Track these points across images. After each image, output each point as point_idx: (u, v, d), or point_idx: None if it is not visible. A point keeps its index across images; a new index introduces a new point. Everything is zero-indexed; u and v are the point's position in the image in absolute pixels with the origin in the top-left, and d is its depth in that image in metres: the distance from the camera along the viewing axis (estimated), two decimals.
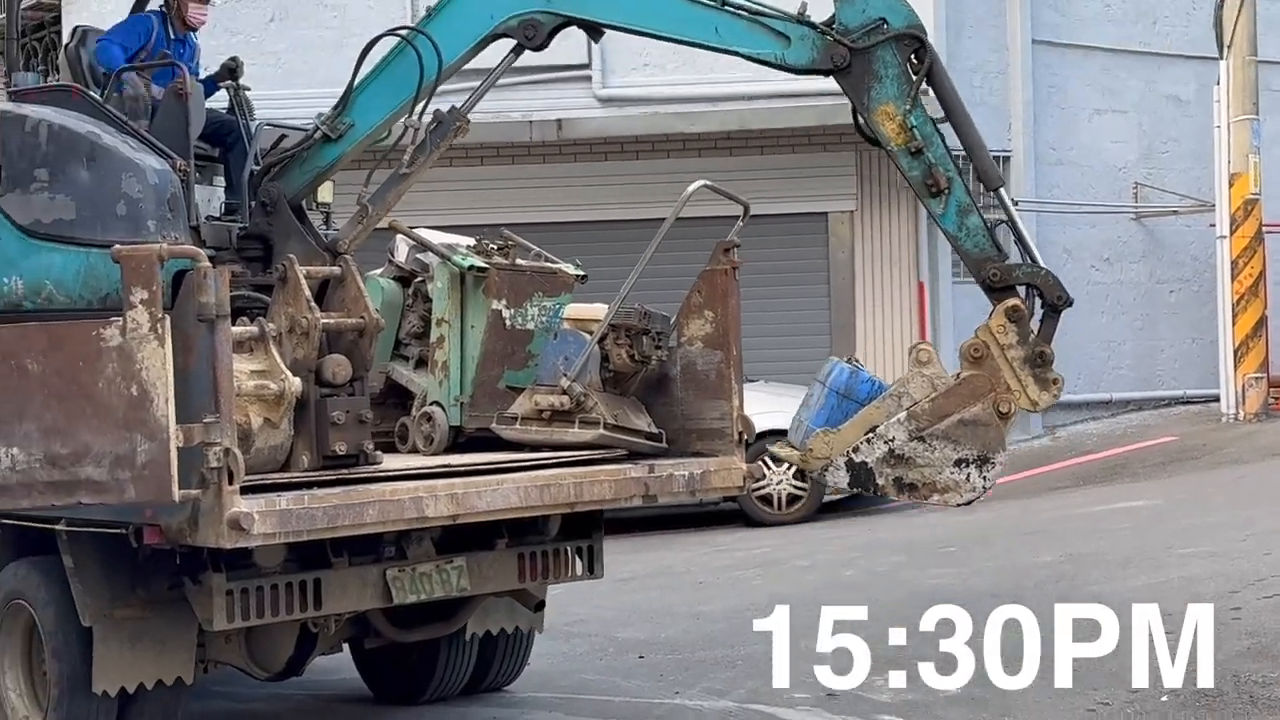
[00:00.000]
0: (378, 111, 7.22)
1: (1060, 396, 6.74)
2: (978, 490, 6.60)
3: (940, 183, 6.53)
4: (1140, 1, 18.47)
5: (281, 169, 7.30)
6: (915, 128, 6.53)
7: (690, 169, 13.89)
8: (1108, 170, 18.21)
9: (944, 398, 6.53)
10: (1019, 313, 6.49)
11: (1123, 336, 18.25)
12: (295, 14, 16.26)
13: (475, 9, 7.12)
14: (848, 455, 6.65)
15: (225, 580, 6.07)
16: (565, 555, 7.27)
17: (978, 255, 6.60)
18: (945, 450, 6.53)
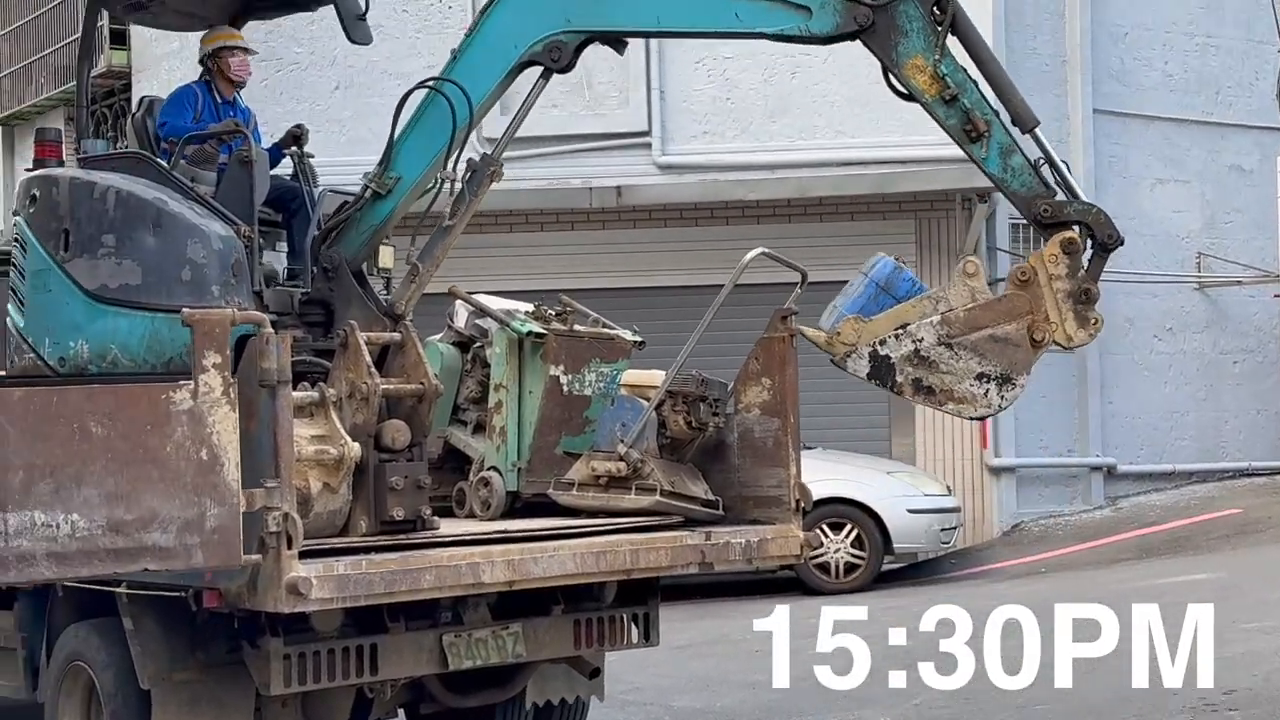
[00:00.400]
0: (420, 161, 7.25)
1: (1096, 337, 6.60)
2: (993, 408, 6.52)
3: (979, 126, 6.45)
4: (1202, 71, 18.43)
5: (339, 233, 7.35)
6: (947, 75, 6.45)
7: (748, 236, 13.95)
8: (1170, 240, 18.11)
9: (981, 310, 6.44)
10: (1074, 245, 6.40)
11: (1186, 407, 18.10)
12: (360, 82, 16.43)
13: (497, 43, 7.15)
14: (873, 346, 6.53)
15: (283, 645, 6.08)
16: (621, 622, 7.25)
17: (1026, 194, 6.49)
18: (970, 362, 6.43)
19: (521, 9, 7.11)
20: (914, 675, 7.43)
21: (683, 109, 16.46)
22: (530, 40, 7.06)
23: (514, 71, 7.19)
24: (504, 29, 7.14)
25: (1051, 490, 17.24)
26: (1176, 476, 17.82)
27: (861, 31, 6.56)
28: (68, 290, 7.13)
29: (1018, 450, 16.93)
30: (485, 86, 7.17)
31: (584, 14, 7.00)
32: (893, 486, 14.64)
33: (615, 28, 7.11)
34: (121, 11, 8.20)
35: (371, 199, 7.29)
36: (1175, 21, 18.25)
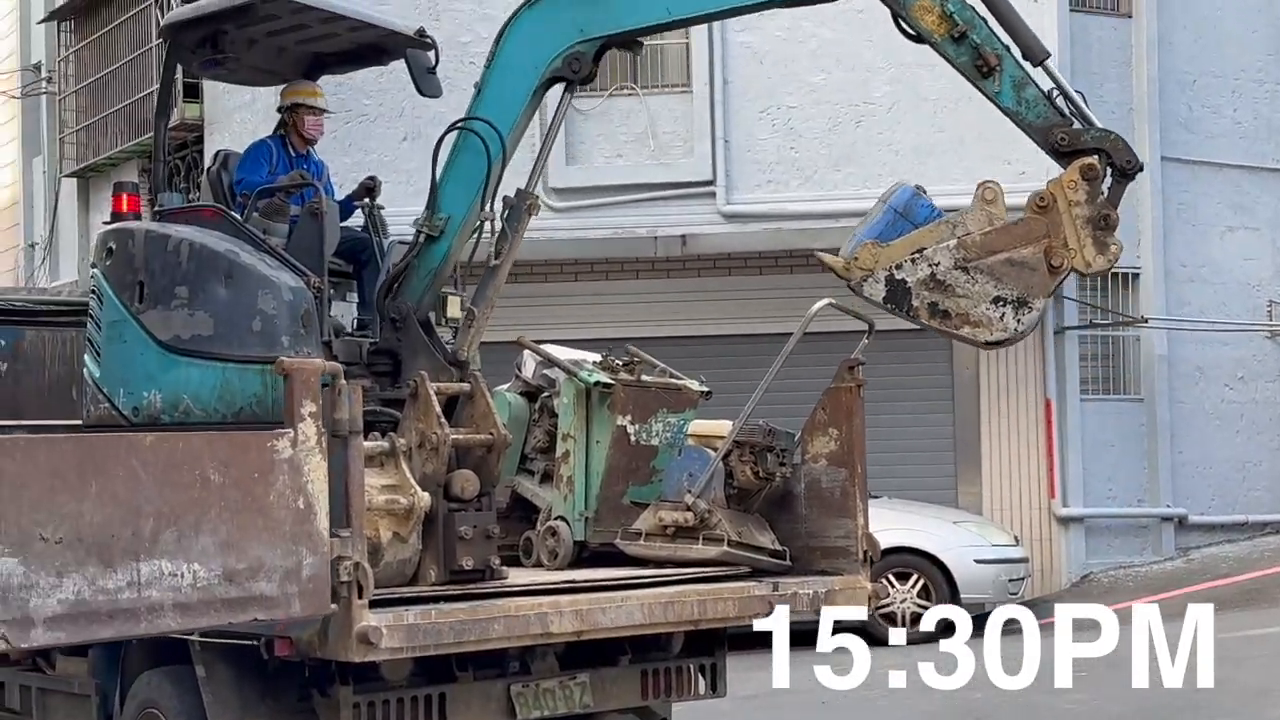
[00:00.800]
0: (465, 199, 7.29)
1: (1115, 264, 6.50)
2: (1009, 331, 6.41)
3: (990, 61, 6.38)
4: (1271, 119, 18.31)
5: (403, 282, 7.39)
6: (954, 13, 6.41)
7: (814, 285, 13.87)
8: (1241, 287, 17.97)
9: (998, 234, 6.37)
10: (1094, 171, 6.29)
11: (1259, 457, 17.90)
12: (428, 133, 16.30)
13: (518, 68, 7.21)
14: (890, 270, 6.48)
15: (353, 693, 6.14)
16: (688, 673, 7.26)
17: (1042, 124, 6.39)
18: (986, 285, 6.36)
19: (535, 29, 7.16)
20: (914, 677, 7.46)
21: (747, 158, 16.50)
22: (549, 58, 7.11)
23: (538, 92, 7.23)
24: (522, 52, 7.19)
25: (1121, 541, 17.07)
26: (1250, 528, 17.62)
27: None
28: (142, 341, 7.22)
29: (1086, 500, 16.79)
30: (513, 114, 7.22)
31: (596, 20, 7.04)
32: (960, 536, 14.55)
33: (629, 27, 7.11)
34: (198, 68, 8.31)
35: (426, 243, 7.32)
36: (1243, 69, 18.16)
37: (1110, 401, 17.16)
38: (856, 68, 16.46)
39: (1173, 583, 15.76)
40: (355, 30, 8.10)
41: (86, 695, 7.42)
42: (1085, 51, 16.95)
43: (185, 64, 8.20)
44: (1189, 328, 17.54)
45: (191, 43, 7.93)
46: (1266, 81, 18.34)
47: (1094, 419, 16.99)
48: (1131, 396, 17.31)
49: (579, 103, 16.94)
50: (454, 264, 7.44)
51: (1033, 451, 16.59)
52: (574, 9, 7.06)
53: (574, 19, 7.05)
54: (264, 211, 7.63)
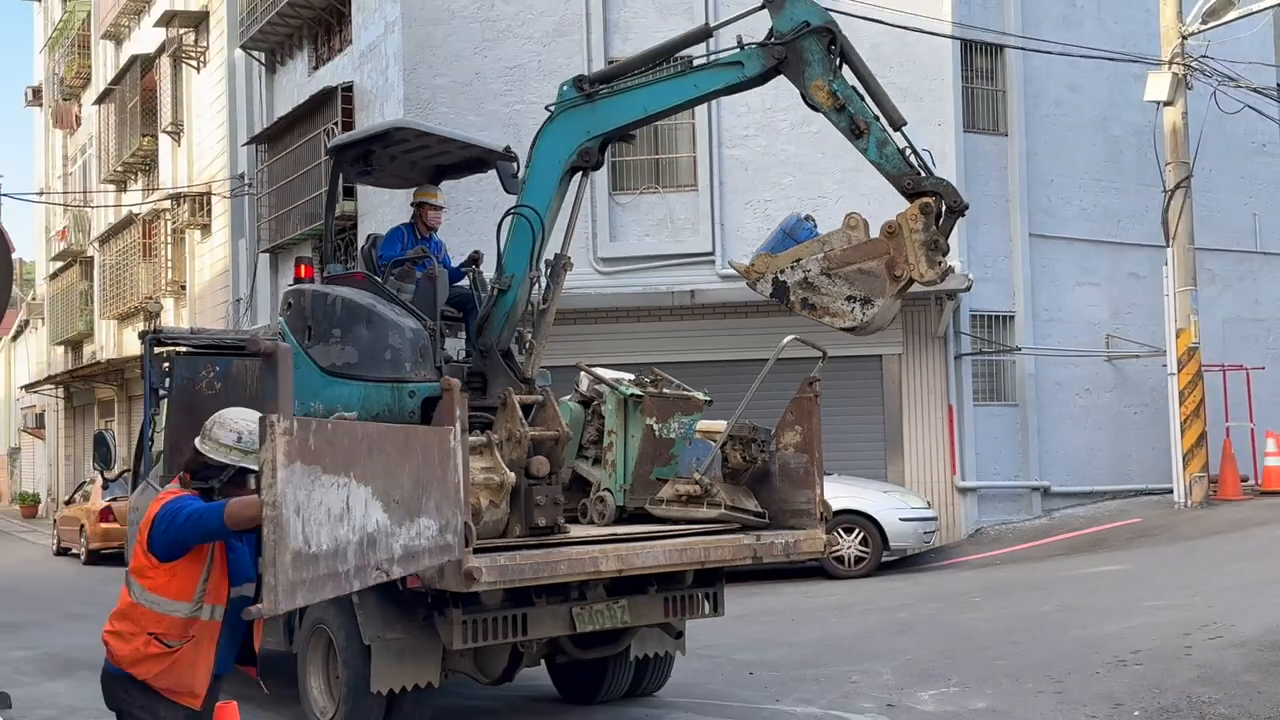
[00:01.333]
0: (521, 262, 7.28)
1: (943, 278, 6.19)
2: (857, 321, 6.24)
3: (860, 126, 6.26)
4: (1108, 207, 18.24)
5: (487, 324, 7.39)
6: (837, 91, 6.30)
7: (783, 325, 13.94)
8: (1087, 326, 17.87)
9: (853, 250, 6.25)
10: (929, 208, 6.10)
11: (1100, 446, 17.78)
12: None
13: (548, 163, 7.17)
14: (775, 274, 6.40)
15: (461, 614, 6.16)
16: (697, 598, 7.24)
17: (896, 173, 6.24)
18: (842, 287, 6.25)
19: (557, 135, 7.14)
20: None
21: (736, 236, 16.52)
22: (568, 154, 7.10)
23: (564, 180, 7.19)
24: (549, 153, 7.18)
25: (1003, 504, 16.96)
26: (1094, 495, 17.49)
27: (780, 65, 6.46)
28: (309, 368, 7.28)
29: (979, 475, 16.70)
30: (547, 198, 7.19)
31: (597, 123, 7.03)
32: (889, 501, 14.47)
33: (619, 125, 7.05)
34: (354, 177, 8.37)
35: (499, 295, 7.34)
36: (1086, 171, 18.09)
37: (994, 406, 17.08)
38: (813, 172, 16.47)
39: (1041, 534, 15.67)
40: (463, 149, 8.15)
41: (274, 616, 7.45)
42: (975, 161, 16.92)
43: (346, 174, 8.24)
44: (1050, 354, 17.46)
45: (349, 159, 7.99)
46: (1103, 180, 18.26)
47: (983, 419, 16.91)
48: (1009, 403, 17.21)
49: (619, 197, 17.04)
50: (522, 309, 7.39)
51: (940, 441, 16.53)
52: (581, 118, 7.05)
53: (581, 124, 7.05)
54: (398, 276, 7.69)
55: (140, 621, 4.24)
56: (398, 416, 7.08)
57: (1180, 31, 16.00)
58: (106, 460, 9.87)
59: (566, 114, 7.08)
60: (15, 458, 47.56)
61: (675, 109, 7.02)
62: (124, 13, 29.98)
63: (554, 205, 7.25)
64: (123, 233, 29.43)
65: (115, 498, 19.80)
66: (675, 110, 7.05)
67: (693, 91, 6.80)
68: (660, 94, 6.86)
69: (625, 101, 6.95)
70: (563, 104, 7.09)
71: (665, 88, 6.83)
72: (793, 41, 6.37)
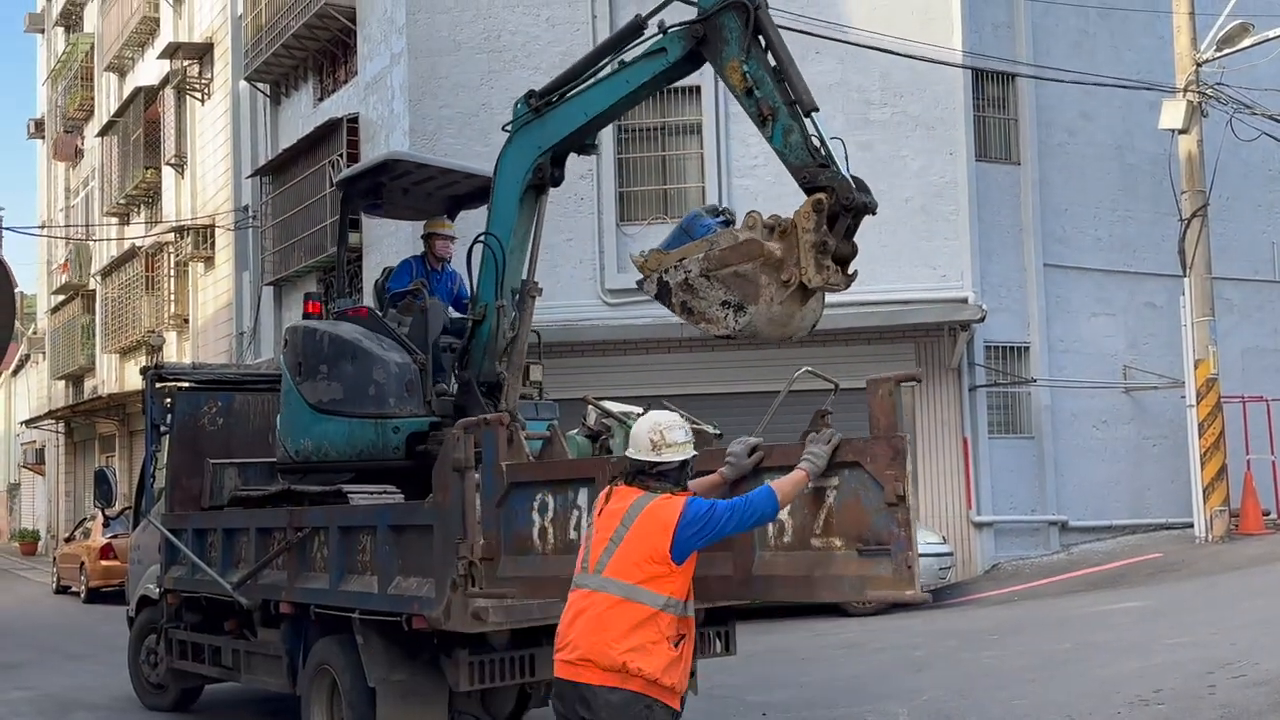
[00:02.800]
0: (492, 289, 7.20)
1: (832, 283, 5.76)
2: (729, 329, 5.90)
3: (764, 111, 5.87)
4: (1122, 236, 18.25)
5: (468, 358, 7.29)
6: (748, 73, 5.92)
7: (795, 357, 13.92)
8: (1103, 357, 17.84)
9: (730, 251, 5.83)
10: (820, 205, 5.66)
11: (1119, 479, 17.70)
12: None
13: (508, 184, 7.07)
14: (661, 273, 6.08)
15: (468, 655, 6.11)
16: (708, 637, 7.19)
17: (798, 164, 5.79)
18: (719, 291, 5.88)
19: (513, 155, 7.04)
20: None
21: None
22: (524, 173, 6.97)
23: (525, 200, 7.05)
24: (507, 175, 7.08)
25: (1020, 539, 16.88)
26: (1113, 529, 17.40)
27: (701, 44, 6.12)
28: (300, 404, 7.31)
29: (994, 510, 16.62)
30: (510, 222, 7.08)
31: (546, 137, 6.90)
32: None
33: (565, 134, 6.86)
34: (365, 209, 8.41)
35: (474, 327, 7.26)
36: (1100, 200, 18.11)
37: (1010, 439, 17.01)
38: None
39: (1059, 570, 15.58)
40: (468, 178, 8.18)
41: (279, 656, 7.43)
42: (988, 190, 16.94)
43: (354, 207, 8.26)
44: (1066, 386, 17.41)
45: (358, 193, 8.02)
46: (1117, 209, 18.28)
47: (999, 452, 16.84)
48: (1025, 435, 17.15)
49: (627, 228, 17.07)
50: (501, 339, 7.26)
51: (955, 475, 16.46)
52: (533, 134, 6.93)
53: (533, 140, 6.93)
54: (399, 309, 7.71)
55: (663, 628, 4.20)
56: (381, 453, 7.08)
57: (1194, 59, 16.05)
58: (107, 497, 9.88)
59: (520, 132, 6.98)
60: (15, 494, 47.58)
61: (615, 109, 6.77)
62: (128, 44, 30.24)
63: (519, 229, 7.12)
64: (125, 266, 29.57)
65: (116, 535, 19.79)
66: (616, 110, 6.81)
67: (625, 88, 6.56)
68: (597, 96, 6.69)
69: (568, 110, 6.81)
70: (517, 122, 6.99)
71: (600, 89, 6.66)
72: (712, 18, 6.03)
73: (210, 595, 8.13)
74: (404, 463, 7.05)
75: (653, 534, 4.20)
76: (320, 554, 6.86)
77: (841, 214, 5.72)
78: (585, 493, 5.46)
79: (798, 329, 6.12)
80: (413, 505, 6.30)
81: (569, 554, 5.26)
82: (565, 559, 5.38)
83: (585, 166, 16.67)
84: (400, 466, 7.12)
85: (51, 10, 39.90)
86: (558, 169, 7.02)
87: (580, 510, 5.50)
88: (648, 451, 4.42)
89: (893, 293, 16.24)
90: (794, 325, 6.08)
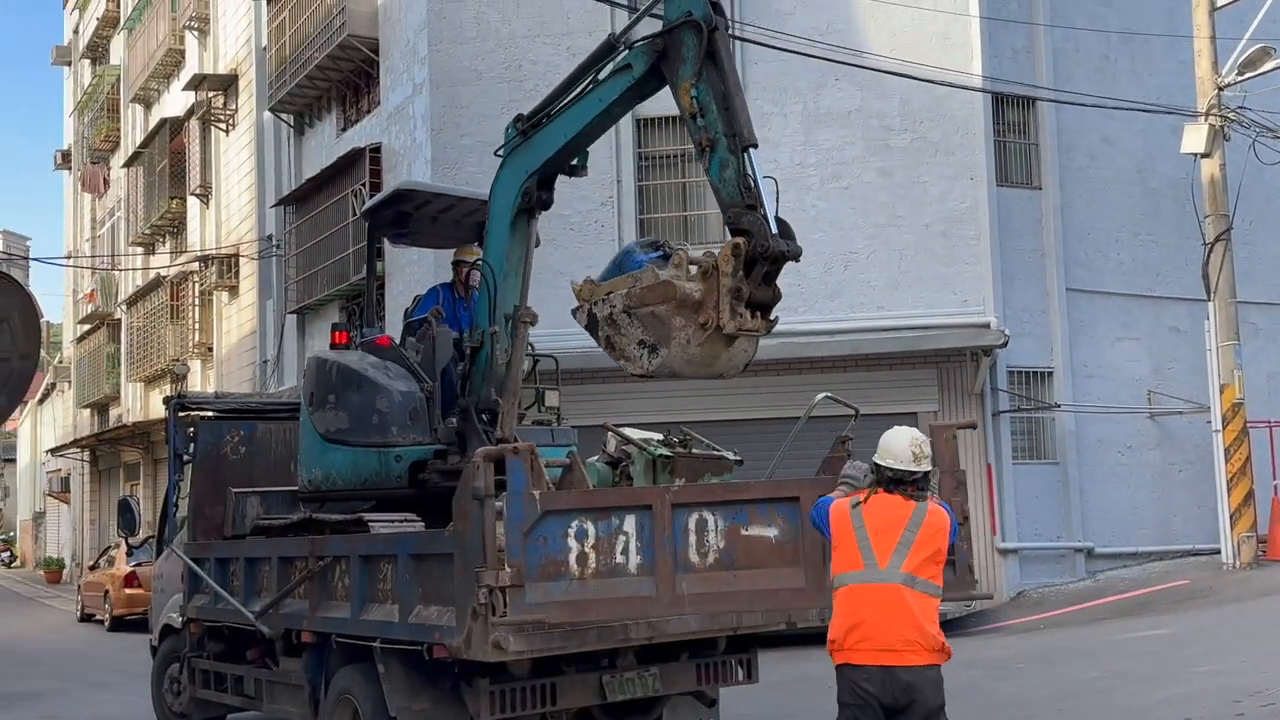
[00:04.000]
0: (486, 316, 7.20)
1: (746, 329, 5.77)
2: (644, 369, 5.90)
3: (702, 142, 5.82)
4: (1146, 259, 18.17)
5: (470, 386, 7.25)
6: (696, 97, 5.84)
7: (815, 382, 13.89)
8: (1128, 382, 17.72)
9: (647, 290, 5.87)
10: (738, 250, 5.67)
11: (1144, 505, 17.54)
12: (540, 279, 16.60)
13: (500, 209, 7.06)
14: (591, 305, 6.10)
15: (489, 684, 6.10)
16: (730, 665, 7.15)
17: (728, 201, 5.76)
18: (637, 330, 5.92)
19: (503, 181, 7.04)
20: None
21: None
22: (513, 198, 6.96)
23: (515, 225, 7.02)
24: (499, 201, 7.07)
25: (1046, 566, 16.72)
26: (1139, 556, 17.23)
27: (662, 59, 6.05)
28: (312, 433, 7.35)
29: (1020, 537, 16.49)
30: (501, 245, 7.07)
31: (531, 160, 6.89)
32: None
33: (548, 156, 6.83)
34: (392, 238, 8.44)
35: (473, 354, 7.23)
36: (1123, 224, 18.05)
37: (1035, 465, 16.89)
38: (843, 228, 16.50)
39: (1085, 597, 15.43)
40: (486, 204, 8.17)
41: (300, 685, 7.43)
42: (1009, 214, 16.90)
43: (383, 234, 8.29)
44: (1091, 411, 17.29)
45: (384, 223, 8.07)
46: (1140, 233, 18.20)
47: (1023, 478, 16.72)
48: (1050, 461, 17.03)
49: None
50: (500, 363, 7.22)
51: (980, 502, 16.31)
52: (520, 158, 6.94)
53: (520, 164, 6.94)
54: (417, 337, 7.71)
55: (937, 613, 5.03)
56: (384, 482, 7.08)
57: (1216, 83, 16.01)
58: (131, 527, 9.92)
59: (510, 156, 7.00)
60: (40, 522, 47.87)
61: (592, 129, 6.72)
62: (153, 76, 30.59)
63: (511, 254, 7.10)
64: (150, 295, 29.81)
65: (140, 563, 19.87)
66: (593, 130, 6.74)
67: (598, 106, 6.52)
68: (574, 118, 6.66)
69: (549, 132, 6.80)
70: (507, 146, 7.00)
71: (576, 110, 6.64)
72: (671, 32, 5.94)
73: (233, 624, 8.14)
74: (407, 491, 7.06)
75: (936, 537, 5.00)
76: (341, 583, 6.86)
77: (760, 260, 5.71)
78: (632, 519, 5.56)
79: (725, 369, 6.11)
80: (433, 533, 6.30)
81: (613, 577, 5.53)
82: (607, 582, 5.57)
83: (606, 194, 16.74)
84: (403, 495, 7.12)
85: (78, 43, 40.44)
86: (545, 192, 7.00)
87: (628, 536, 5.55)
88: (909, 462, 5.06)
89: (914, 318, 16.21)
90: (719, 365, 6.06)
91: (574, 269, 16.44)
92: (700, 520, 5.73)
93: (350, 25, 19.32)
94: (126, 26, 32.95)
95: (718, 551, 5.75)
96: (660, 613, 5.73)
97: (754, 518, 5.82)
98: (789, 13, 16.63)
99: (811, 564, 5.64)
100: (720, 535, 5.75)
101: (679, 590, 5.65)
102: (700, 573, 5.72)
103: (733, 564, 5.77)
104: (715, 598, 5.74)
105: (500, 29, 17.42)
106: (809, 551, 5.70)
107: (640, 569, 5.63)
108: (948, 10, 16.58)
